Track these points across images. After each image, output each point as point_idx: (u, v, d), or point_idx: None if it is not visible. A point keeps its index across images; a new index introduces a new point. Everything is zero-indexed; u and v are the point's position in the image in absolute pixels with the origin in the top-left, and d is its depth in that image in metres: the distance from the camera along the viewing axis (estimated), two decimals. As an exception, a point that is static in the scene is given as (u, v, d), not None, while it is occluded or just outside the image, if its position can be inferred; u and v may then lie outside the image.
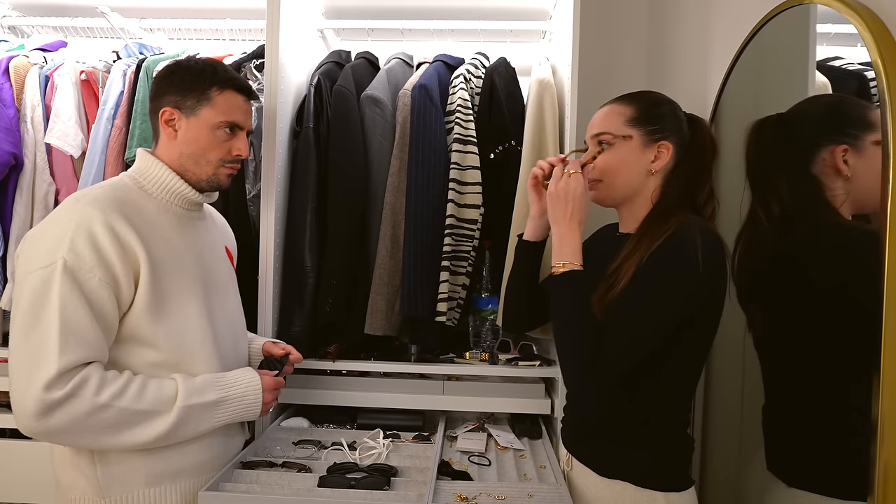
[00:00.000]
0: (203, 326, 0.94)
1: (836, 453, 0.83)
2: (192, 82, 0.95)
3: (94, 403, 0.80)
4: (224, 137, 0.97)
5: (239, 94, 0.98)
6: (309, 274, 1.32)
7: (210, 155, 0.97)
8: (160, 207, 0.95)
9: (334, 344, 1.37)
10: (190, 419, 0.89)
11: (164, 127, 0.96)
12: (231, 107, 0.97)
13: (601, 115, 0.95)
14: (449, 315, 1.29)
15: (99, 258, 0.83)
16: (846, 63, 0.88)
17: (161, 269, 0.90)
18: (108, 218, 0.85)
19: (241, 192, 1.39)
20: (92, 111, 1.48)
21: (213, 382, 0.93)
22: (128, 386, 0.84)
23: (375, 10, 1.56)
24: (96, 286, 0.83)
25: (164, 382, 0.88)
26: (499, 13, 1.55)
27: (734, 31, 1.16)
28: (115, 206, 0.87)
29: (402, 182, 1.32)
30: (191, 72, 0.96)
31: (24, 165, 1.46)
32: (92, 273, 0.82)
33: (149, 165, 0.96)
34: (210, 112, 0.95)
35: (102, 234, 0.84)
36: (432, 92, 1.32)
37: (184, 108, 0.95)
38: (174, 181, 0.96)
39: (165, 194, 0.96)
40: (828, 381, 0.85)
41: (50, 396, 0.78)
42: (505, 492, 0.97)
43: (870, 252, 0.72)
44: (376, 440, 1.18)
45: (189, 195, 0.98)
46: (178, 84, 0.95)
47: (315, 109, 1.35)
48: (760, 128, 0.98)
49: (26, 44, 1.58)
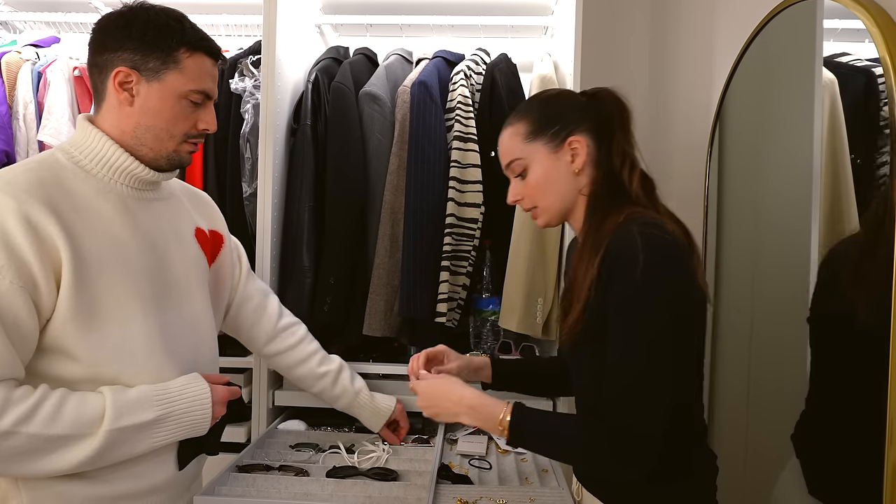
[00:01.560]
0: (149, 333, 0.79)
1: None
2: (155, 38, 0.78)
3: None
4: (190, 109, 0.81)
5: (209, 57, 0.82)
6: (306, 274, 1.31)
7: (175, 129, 0.81)
8: (100, 188, 0.79)
9: (332, 345, 1.35)
10: (120, 442, 0.74)
11: (118, 90, 0.78)
12: (201, 73, 0.81)
13: (504, 144, 0.87)
14: (449, 316, 1.28)
15: (10, 256, 0.69)
16: (853, 59, 0.87)
17: (92, 266, 0.75)
18: (24, 207, 0.70)
19: (238, 191, 1.37)
20: (85, 108, 1.46)
21: (152, 397, 0.77)
22: (38, 407, 0.70)
23: (374, 6, 1.54)
24: (6, 290, 0.69)
25: (87, 399, 0.74)
26: (500, 9, 1.53)
27: (739, 27, 1.14)
28: (34, 192, 0.72)
29: (402, 180, 1.30)
30: (153, 25, 0.78)
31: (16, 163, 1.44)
32: (1, 275, 0.68)
33: (87, 137, 0.79)
34: (178, 78, 0.79)
35: (15, 226, 0.69)
36: (432, 89, 1.30)
37: (144, 70, 0.78)
38: (119, 156, 0.79)
39: (107, 171, 0.80)
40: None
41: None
42: (506, 496, 0.96)
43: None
44: (375, 443, 1.16)
45: (140, 173, 0.81)
46: (137, 38, 0.77)
47: (313, 106, 1.33)
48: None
49: (18, 39, 1.56)
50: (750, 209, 1.13)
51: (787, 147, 1.02)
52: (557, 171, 0.83)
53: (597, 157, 0.84)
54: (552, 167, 0.83)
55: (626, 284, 0.71)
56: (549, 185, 0.84)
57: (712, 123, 1.22)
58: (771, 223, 1.06)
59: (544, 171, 0.83)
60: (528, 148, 0.84)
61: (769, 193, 1.07)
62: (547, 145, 0.83)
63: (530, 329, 1.28)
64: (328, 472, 1.00)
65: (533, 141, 0.83)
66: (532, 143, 0.84)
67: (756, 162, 1.11)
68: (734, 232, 1.18)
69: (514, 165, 0.85)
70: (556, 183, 0.83)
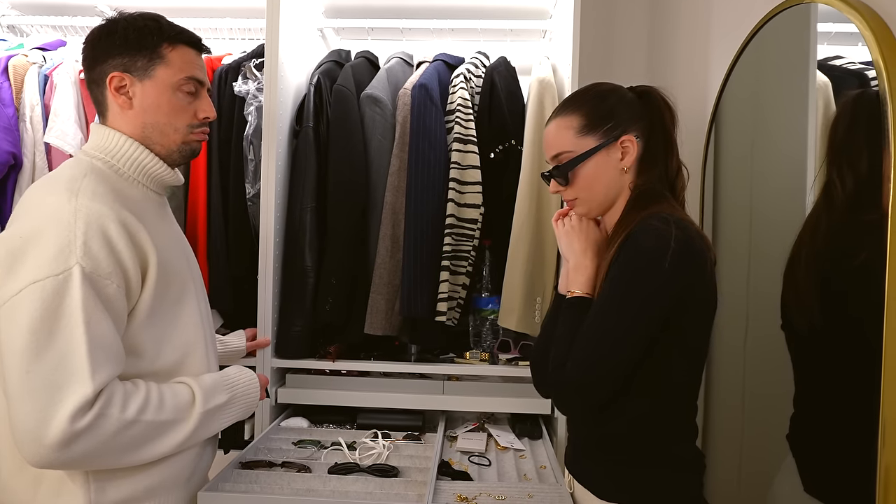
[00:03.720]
0: (197, 328, 0.87)
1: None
2: (137, 40, 0.81)
3: (122, 421, 0.72)
4: (187, 100, 0.85)
5: (191, 48, 0.86)
6: (309, 274, 1.32)
7: (177, 121, 0.84)
8: (141, 194, 0.84)
9: (334, 344, 1.37)
10: (207, 423, 0.83)
11: (115, 95, 0.82)
12: (186, 62, 0.84)
13: (552, 134, 0.88)
14: (449, 315, 1.29)
15: (115, 262, 0.73)
16: (847, 62, 0.88)
17: (169, 269, 0.81)
18: (119, 214, 0.74)
19: (241, 192, 1.39)
20: (91, 110, 1.47)
21: (222, 383, 0.87)
22: (149, 396, 0.76)
23: (375, 10, 1.56)
24: (114, 294, 0.73)
25: (176, 388, 0.81)
26: (499, 12, 1.55)
27: (735, 31, 1.16)
28: (118, 200, 0.76)
29: (402, 181, 1.32)
30: (133, 28, 0.82)
31: (23, 165, 1.45)
32: (110, 280, 0.72)
33: (118, 143, 0.82)
34: (167, 71, 0.82)
35: (117, 233, 0.74)
36: (432, 91, 1.32)
37: (135, 71, 0.81)
38: (151, 161, 0.84)
39: (143, 177, 0.84)
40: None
41: (77, 425, 0.67)
42: (505, 492, 0.97)
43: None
44: (375, 440, 1.18)
45: (166, 177, 0.87)
46: (121, 44, 0.81)
47: (315, 109, 1.35)
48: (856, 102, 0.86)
49: (25, 43, 1.58)
50: (745, 210, 1.14)
51: (782, 149, 1.03)
52: (607, 167, 0.85)
53: (644, 155, 0.86)
54: (602, 163, 0.85)
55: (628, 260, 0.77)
56: (597, 179, 0.85)
57: (708, 126, 1.24)
58: (765, 224, 1.07)
59: (594, 165, 0.85)
60: (579, 142, 0.85)
61: (764, 194, 1.09)
62: (599, 141, 0.84)
63: (529, 328, 1.30)
64: (330, 469, 1.02)
65: (585, 136, 0.85)
66: (584, 138, 0.85)
67: (751, 163, 1.12)
68: (729, 233, 1.19)
69: (561, 157, 0.86)
70: (603, 178, 0.85)
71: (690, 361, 0.82)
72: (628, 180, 0.86)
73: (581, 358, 0.77)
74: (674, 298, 0.76)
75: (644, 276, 0.76)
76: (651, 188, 0.84)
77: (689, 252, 0.75)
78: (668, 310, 0.76)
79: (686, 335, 0.79)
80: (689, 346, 0.80)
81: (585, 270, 0.85)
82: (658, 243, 0.74)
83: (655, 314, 0.76)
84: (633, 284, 0.76)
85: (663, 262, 0.74)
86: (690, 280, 0.76)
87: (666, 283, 0.75)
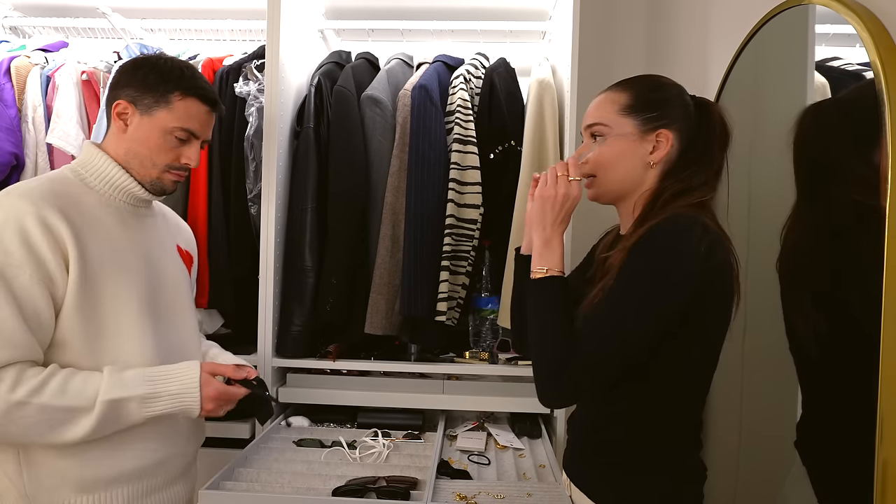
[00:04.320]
0: (142, 329, 0.87)
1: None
2: (155, 81, 0.90)
3: (9, 401, 0.75)
4: (175, 144, 0.92)
5: (203, 104, 0.93)
6: (309, 273, 1.33)
7: (157, 158, 0.91)
8: (102, 202, 0.89)
9: (335, 343, 1.38)
10: (115, 414, 0.81)
11: (115, 119, 0.91)
12: (190, 115, 0.91)
13: (595, 104, 0.86)
14: (449, 314, 1.30)
15: (29, 253, 0.78)
16: (845, 63, 0.88)
17: (95, 266, 0.84)
18: (41, 211, 0.80)
19: (242, 193, 1.40)
20: (93, 111, 1.48)
21: (144, 377, 0.84)
22: (48, 381, 0.78)
23: (376, 11, 1.57)
24: (26, 283, 0.78)
25: (90, 376, 0.82)
26: (498, 14, 1.55)
27: (733, 32, 1.16)
28: (48, 199, 0.82)
29: (402, 182, 1.32)
30: (157, 70, 0.90)
31: (25, 165, 1.46)
32: (21, 269, 0.77)
33: (93, 157, 0.91)
34: (166, 115, 0.90)
35: (34, 227, 0.79)
36: (432, 92, 1.33)
37: (139, 105, 0.90)
38: (119, 175, 0.90)
39: (109, 188, 0.90)
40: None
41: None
42: (504, 491, 0.97)
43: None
44: (376, 440, 1.19)
45: (135, 191, 0.92)
46: (140, 79, 0.90)
47: (315, 109, 1.35)
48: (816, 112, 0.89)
49: (28, 44, 1.59)
50: (743, 210, 1.14)
51: (780, 149, 1.03)
52: (634, 154, 0.82)
53: (678, 160, 0.83)
54: (631, 149, 0.82)
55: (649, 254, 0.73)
56: (619, 163, 0.82)
57: (707, 126, 1.24)
58: (763, 224, 1.08)
59: (622, 148, 0.82)
60: (618, 120, 0.82)
61: (762, 195, 1.09)
62: (637, 126, 0.81)
63: (529, 328, 1.30)
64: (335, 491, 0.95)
65: (626, 116, 0.82)
66: (624, 118, 0.82)
67: (749, 164, 1.12)
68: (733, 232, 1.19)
69: (595, 128, 0.84)
70: (626, 164, 0.82)
71: (698, 367, 0.79)
72: (652, 177, 0.82)
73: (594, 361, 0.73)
74: (692, 295, 0.72)
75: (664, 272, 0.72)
76: (684, 189, 0.80)
77: (717, 254, 0.72)
78: (686, 306, 0.73)
79: (697, 338, 0.76)
80: (699, 351, 0.77)
81: (558, 245, 0.81)
82: (681, 239, 0.72)
83: (673, 311, 0.72)
84: (652, 280, 0.72)
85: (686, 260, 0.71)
86: (714, 284, 0.73)
87: (685, 279, 0.71)
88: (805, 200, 0.90)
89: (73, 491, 0.83)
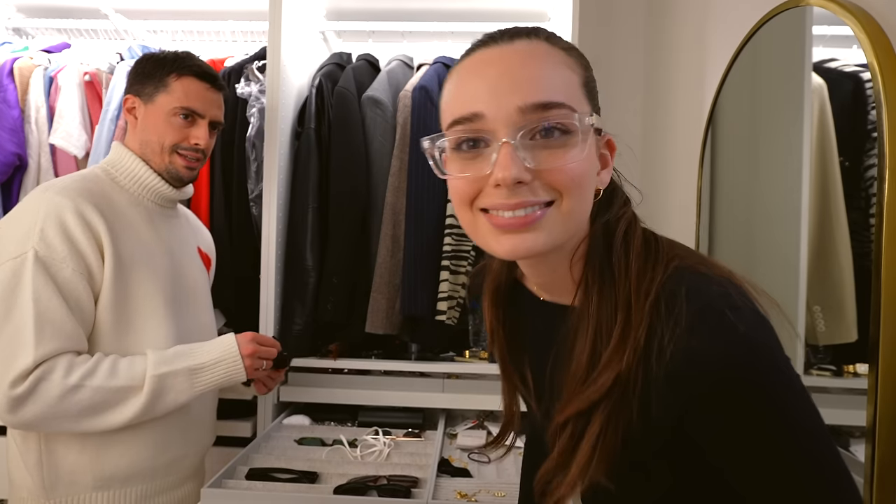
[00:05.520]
0: (168, 326, 0.90)
1: None
2: (152, 69, 0.93)
3: (65, 386, 0.78)
4: (180, 124, 0.93)
5: (200, 80, 0.94)
6: (310, 273, 1.33)
7: (165, 140, 0.93)
8: (131, 201, 0.93)
9: (335, 342, 1.38)
10: (165, 389, 0.85)
11: (127, 115, 0.95)
12: (188, 93, 0.93)
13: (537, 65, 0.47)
14: (449, 314, 1.30)
15: (71, 247, 0.81)
16: (842, 65, 0.89)
17: (127, 263, 0.87)
18: (79, 206, 0.83)
19: (244, 193, 1.40)
20: (96, 112, 1.49)
21: (184, 352, 0.88)
22: (98, 365, 0.82)
23: (376, 12, 1.57)
24: (70, 276, 0.81)
25: (135, 358, 0.85)
26: (498, 15, 1.56)
27: (731, 34, 1.17)
28: (85, 195, 0.85)
29: (403, 182, 1.33)
30: (153, 60, 0.94)
31: (28, 166, 1.47)
32: (64, 263, 0.80)
33: (121, 157, 0.94)
34: (166, 98, 0.92)
35: (73, 222, 0.82)
36: (432, 93, 1.33)
37: (143, 96, 0.93)
38: (146, 173, 0.93)
39: (137, 187, 0.94)
40: None
41: (15, 392, 0.77)
42: (504, 488, 0.98)
43: None
44: (376, 438, 1.19)
45: (162, 190, 0.95)
46: (141, 72, 0.94)
47: (316, 110, 1.36)
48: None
49: (30, 45, 1.59)
50: (742, 211, 1.15)
51: (778, 150, 1.04)
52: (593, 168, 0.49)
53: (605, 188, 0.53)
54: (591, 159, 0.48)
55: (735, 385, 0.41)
56: (588, 178, 0.48)
57: (704, 128, 1.25)
58: (762, 224, 1.08)
59: (590, 154, 0.48)
60: (581, 103, 0.48)
61: (760, 195, 1.10)
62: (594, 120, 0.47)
63: (528, 327, 1.31)
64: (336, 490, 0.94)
65: (585, 98, 0.49)
66: (584, 101, 0.48)
67: (747, 165, 1.13)
68: (726, 234, 1.20)
69: (553, 114, 0.45)
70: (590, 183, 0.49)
71: None
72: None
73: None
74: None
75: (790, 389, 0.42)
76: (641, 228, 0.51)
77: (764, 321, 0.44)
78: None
79: None
80: None
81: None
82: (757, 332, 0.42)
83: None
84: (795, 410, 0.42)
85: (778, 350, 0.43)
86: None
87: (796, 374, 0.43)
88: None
89: (90, 487, 0.85)
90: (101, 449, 0.86)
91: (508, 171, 0.44)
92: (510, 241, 0.47)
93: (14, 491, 0.88)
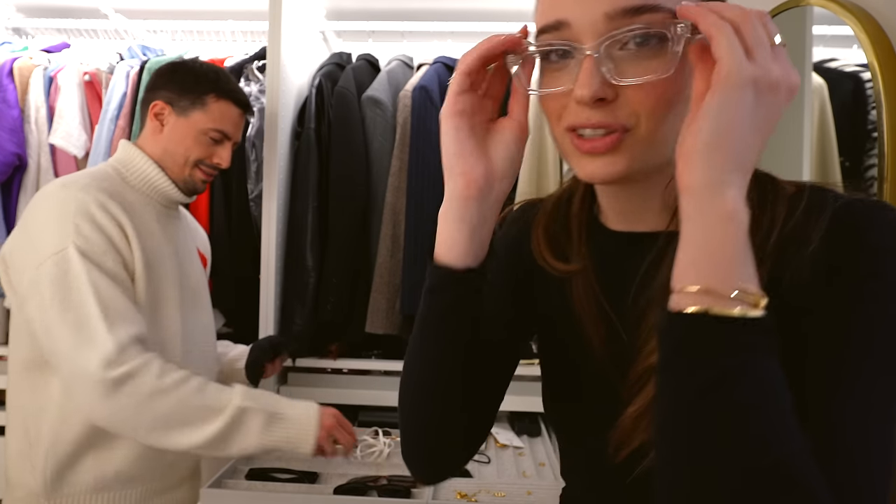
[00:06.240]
0: (176, 322, 0.92)
1: None
2: (192, 84, 0.94)
3: (157, 386, 0.77)
4: (208, 143, 0.95)
5: (236, 106, 0.97)
6: (310, 273, 1.33)
7: (191, 155, 0.95)
8: (142, 200, 0.93)
9: (335, 342, 1.38)
10: (242, 424, 0.82)
11: (152, 119, 0.94)
12: (224, 117, 0.95)
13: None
14: (449, 314, 1.30)
15: (107, 241, 0.82)
16: (842, 64, 0.89)
17: (150, 260, 0.88)
18: (105, 203, 0.84)
19: (244, 192, 1.41)
20: (95, 112, 1.49)
21: (269, 396, 0.87)
22: (190, 378, 0.81)
23: (376, 12, 1.57)
24: (113, 267, 0.82)
25: (223, 386, 0.85)
26: (498, 15, 1.56)
27: (732, 33, 1.17)
28: (106, 193, 0.86)
29: (403, 182, 1.33)
30: (193, 73, 0.95)
31: (28, 166, 1.47)
32: (106, 256, 0.81)
33: (132, 157, 0.94)
34: (202, 117, 0.94)
35: (104, 218, 0.83)
36: (432, 93, 1.33)
37: (176, 106, 0.94)
38: (157, 175, 0.94)
39: (147, 188, 0.94)
40: None
41: (110, 374, 0.75)
42: (504, 489, 0.98)
43: None
44: (377, 438, 1.19)
45: (171, 193, 0.95)
46: (178, 82, 0.94)
47: (316, 110, 1.36)
48: None
49: (30, 45, 1.60)
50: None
51: (779, 150, 1.04)
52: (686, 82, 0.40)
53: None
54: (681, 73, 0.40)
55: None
56: (681, 95, 0.41)
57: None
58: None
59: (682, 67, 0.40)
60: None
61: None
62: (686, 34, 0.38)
63: (528, 327, 1.31)
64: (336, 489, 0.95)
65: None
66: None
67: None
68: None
69: (645, 18, 0.39)
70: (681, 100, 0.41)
71: None
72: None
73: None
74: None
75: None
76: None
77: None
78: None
79: None
80: None
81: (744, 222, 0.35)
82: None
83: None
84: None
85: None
86: None
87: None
88: None
89: (91, 489, 0.85)
90: (107, 450, 0.85)
91: (587, 88, 0.39)
92: (591, 164, 0.42)
93: (10, 491, 0.88)
